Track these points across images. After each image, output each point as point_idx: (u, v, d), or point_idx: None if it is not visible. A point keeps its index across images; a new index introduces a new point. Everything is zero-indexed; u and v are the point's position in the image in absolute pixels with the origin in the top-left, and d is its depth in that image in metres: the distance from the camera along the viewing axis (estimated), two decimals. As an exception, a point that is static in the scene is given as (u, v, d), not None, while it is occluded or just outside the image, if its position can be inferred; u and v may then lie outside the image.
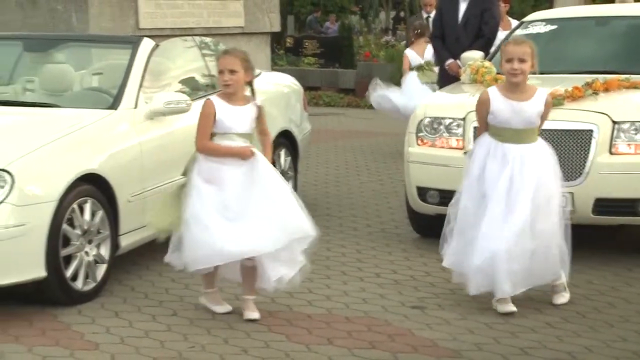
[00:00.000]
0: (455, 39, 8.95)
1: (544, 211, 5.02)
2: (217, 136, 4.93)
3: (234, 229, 4.79)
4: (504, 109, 5.06)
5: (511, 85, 5.09)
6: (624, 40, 7.35)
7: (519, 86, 5.08)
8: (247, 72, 4.99)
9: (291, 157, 7.53)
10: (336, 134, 12.40)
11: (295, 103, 7.87)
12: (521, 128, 5.07)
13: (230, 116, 4.93)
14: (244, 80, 4.99)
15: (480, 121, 5.20)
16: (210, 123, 4.90)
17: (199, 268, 4.91)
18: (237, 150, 4.92)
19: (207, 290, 5.12)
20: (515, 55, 5.01)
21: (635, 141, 5.99)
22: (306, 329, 4.86)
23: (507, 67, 5.04)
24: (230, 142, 4.93)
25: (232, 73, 4.93)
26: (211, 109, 4.92)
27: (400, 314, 5.10)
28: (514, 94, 5.08)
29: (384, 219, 7.41)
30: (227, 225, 4.79)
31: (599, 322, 4.97)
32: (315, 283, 5.67)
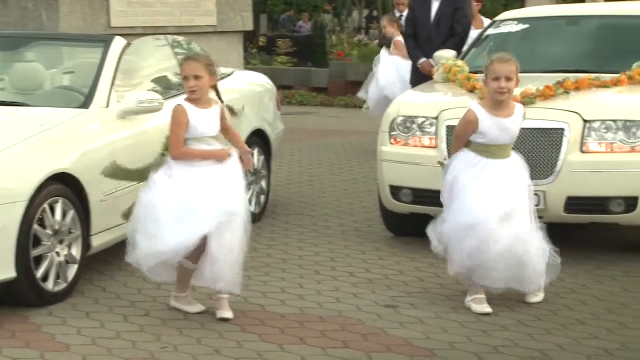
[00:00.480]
0: (428, 38, 8.97)
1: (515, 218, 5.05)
2: (190, 141, 4.93)
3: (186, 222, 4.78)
4: (492, 126, 5.06)
5: (496, 103, 5.08)
6: (594, 39, 7.40)
7: (504, 103, 5.09)
8: (211, 76, 4.98)
9: (264, 157, 7.52)
10: (309, 133, 12.40)
11: (269, 102, 7.85)
12: (507, 144, 5.11)
13: (202, 121, 4.94)
14: (209, 85, 4.97)
15: (463, 139, 5.13)
16: (184, 130, 4.90)
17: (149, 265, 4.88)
18: (217, 153, 4.94)
19: (179, 294, 5.09)
20: (503, 74, 5.00)
21: (606, 140, 6.03)
22: (279, 328, 4.85)
23: (494, 86, 5.01)
24: (207, 146, 4.93)
25: (197, 79, 4.92)
26: (184, 117, 4.90)
27: (374, 313, 5.10)
28: (500, 111, 5.08)
29: (358, 218, 7.41)
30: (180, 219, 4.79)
31: (571, 320, 5.00)
32: (288, 282, 5.66)
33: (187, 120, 4.89)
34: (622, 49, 7.19)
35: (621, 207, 5.99)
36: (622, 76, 6.58)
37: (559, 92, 6.30)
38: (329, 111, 15.22)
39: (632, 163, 5.98)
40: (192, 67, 4.94)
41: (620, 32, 7.37)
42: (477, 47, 7.73)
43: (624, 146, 6.03)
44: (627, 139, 6.03)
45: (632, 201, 5.98)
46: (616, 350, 4.58)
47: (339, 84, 16.46)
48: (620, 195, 5.98)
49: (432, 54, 8.01)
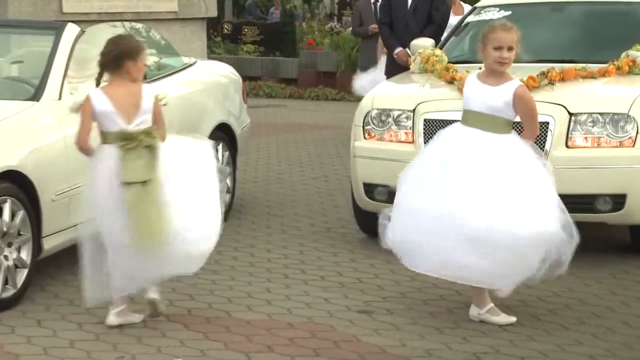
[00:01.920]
0: (404, 26, 9.03)
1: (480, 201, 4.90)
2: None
3: None
4: (471, 89, 5.09)
5: (493, 72, 5.06)
6: (581, 27, 7.48)
7: (501, 73, 5.07)
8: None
9: (229, 152, 7.53)
10: (278, 127, 12.42)
11: (234, 94, 7.87)
12: (480, 112, 5.01)
13: None
14: None
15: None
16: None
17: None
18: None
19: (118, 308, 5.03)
20: (505, 43, 5.01)
21: (592, 134, 6.11)
22: (245, 336, 4.88)
23: (495, 55, 5.01)
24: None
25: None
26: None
27: (346, 319, 5.14)
28: (488, 79, 5.08)
29: (329, 218, 7.45)
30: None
31: (554, 325, 5.07)
32: (255, 287, 5.69)
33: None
34: (609, 37, 7.28)
35: (608, 205, 6.07)
36: (610, 66, 6.66)
37: (543, 83, 6.37)
38: (298, 104, 15.25)
39: (619, 158, 6.07)
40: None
41: (608, 19, 7.46)
42: (457, 35, 7.79)
43: (612, 141, 6.11)
44: (614, 133, 6.11)
45: (619, 199, 6.06)
46: (601, 356, 4.65)
47: (309, 75, 16.50)
48: (607, 193, 6.06)
49: (409, 43, 8.06)
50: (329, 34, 18.71)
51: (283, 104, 15.26)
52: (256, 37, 19.49)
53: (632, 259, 6.28)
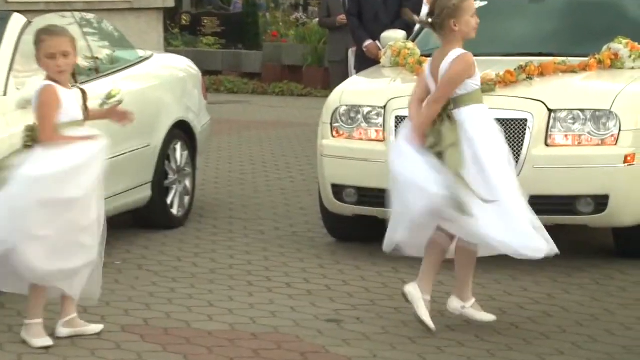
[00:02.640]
0: (374, 17, 9.05)
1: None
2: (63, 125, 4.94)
3: None
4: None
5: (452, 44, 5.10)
6: (560, 19, 7.53)
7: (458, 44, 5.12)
8: (76, 54, 5.02)
9: (188, 152, 7.51)
10: (240, 125, 12.40)
11: (193, 89, 7.85)
12: None
13: (71, 102, 4.95)
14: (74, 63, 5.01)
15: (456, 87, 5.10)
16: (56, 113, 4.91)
17: None
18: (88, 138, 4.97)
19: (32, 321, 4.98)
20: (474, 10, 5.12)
21: (573, 131, 6.16)
22: (207, 347, 4.86)
23: (474, 22, 5.09)
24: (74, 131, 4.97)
25: (66, 56, 4.91)
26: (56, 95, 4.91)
27: (314, 328, 5.15)
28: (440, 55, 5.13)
29: (295, 222, 7.45)
30: None
31: (534, 334, 5.10)
32: (217, 295, 5.68)
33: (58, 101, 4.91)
34: (591, 29, 7.33)
35: (590, 206, 6.11)
36: (591, 60, 6.71)
37: (521, 78, 6.40)
38: (262, 99, 15.24)
39: (602, 157, 6.11)
40: (60, 42, 4.93)
41: (589, 11, 7.50)
42: (430, 27, 7.81)
43: (593, 138, 6.15)
44: (596, 130, 6.16)
45: (602, 200, 6.10)
46: (584, 366, 4.70)
47: (273, 69, 16.50)
48: (589, 194, 6.11)
49: (379, 35, 8.08)
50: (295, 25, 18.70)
51: (246, 100, 15.24)
52: (217, 29, 19.45)
53: (616, 263, 6.33)
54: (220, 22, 19.74)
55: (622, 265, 6.28)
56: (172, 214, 7.24)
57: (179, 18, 20.59)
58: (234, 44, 18.76)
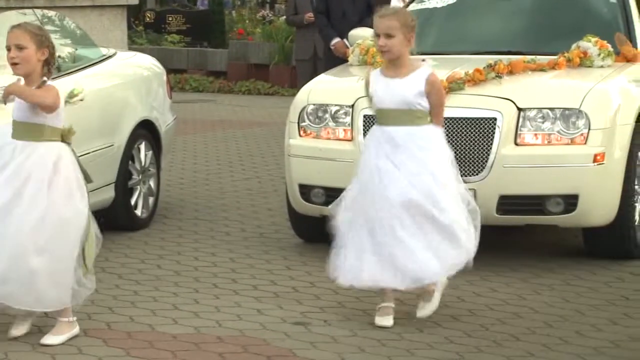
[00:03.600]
0: (342, 14, 9.06)
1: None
2: None
3: None
4: (380, 87, 5.22)
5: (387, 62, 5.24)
6: (530, 16, 7.56)
7: (396, 63, 5.19)
8: (40, 48, 4.89)
9: (152, 152, 7.48)
10: (205, 124, 12.37)
11: (157, 88, 7.82)
12: (395, 108, 5.16)
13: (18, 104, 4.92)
14: (38, 58, 4.89)
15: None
16: None
17: None
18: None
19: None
20: (376, 30, 5.17)
21: (542, 130, 6.18)
22: (171, 351, 4.84)
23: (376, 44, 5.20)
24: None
25: (20, 49, 4.84)
26: None
27: (281, 331, 5.13)
28: (390, 71, 5.21)
29: (262, 223, 7.44)
30: None
31: (504, 335, 5.11)
32: (181, 298, 5.65)
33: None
34: (560, 27, 7.36)
35: (560, 206, 6.14)
36: (560, 58, 6.75)
37: (490, 76, 6.42)
38: (228, 98, 15.20)
39: (571, 157, 6.14)
40: (15, 35, 4.87)
41: (558, 9, 7.54)
42: (398, 24, 7.81)
43: (563, 137, 6.18)
44: (565, 129, 6.18)
45: (571, 200, 6.13)
46: (554, 368, 4.72)
47: (239, 67, 16.45)
48: (558, 193, 6.13)
49: (347, 33, 8.08)
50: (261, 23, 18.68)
51: (211, 98, 15.20)
52: (182, 27, 19.38)
53: (586, 264, 6.36)
54: (186, 19, 19.67)
55: (592, 266, 6.31)
56: (136, 215, 7.20)
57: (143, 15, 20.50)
58: (199, 41, 18.70)
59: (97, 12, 12.92)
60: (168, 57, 15.37)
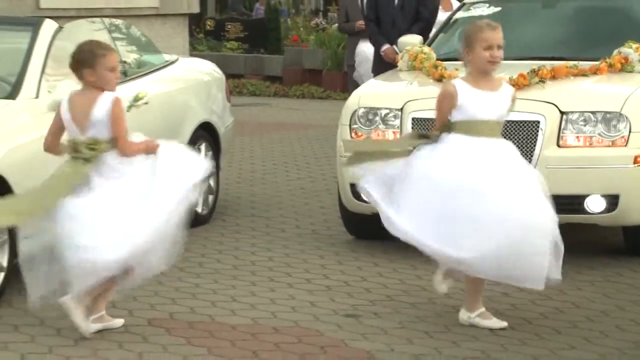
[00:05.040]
0: (392, 22, 9.03)
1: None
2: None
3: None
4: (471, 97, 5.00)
5: (484, 74, 5.04)
6: (572, 23, 7.50)
7: (489, 75, 5.07)
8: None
9: (212, 152, 7.52)
10: (262, 127, 12.41)
11: (217, 92, 7.86)
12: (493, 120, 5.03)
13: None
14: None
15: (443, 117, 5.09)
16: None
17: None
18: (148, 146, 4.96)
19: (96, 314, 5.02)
20: (495, 42, 5.00)
21: (584, 133, 6.13)
22: (230, 341, 4.86)
23: (486, 55, 4.98)
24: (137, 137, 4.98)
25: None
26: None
27: (333, 323, 5.13)
28: (483, 84, 5.04)
29: (315, 220, 7.44)
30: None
31: (546, 329, 5.07)
32: (239, 290, 5.67)
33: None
34: (601, 34, 7.30)
35: (601, 206, 6.09)
36: (602, 63, 6.68)
37: (534, 81, 6.38)
38: (283, 102, 15.24)
39: (612, 158, 6.08)
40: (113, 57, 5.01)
41: (600, 16, 7.48)
42: (445, 32, 7.80)
43: (604, 140, 6.12)
44: (606, 131, 6.12)
45: (612, 199, 6.07)
46: (595, 360, 4.67)
47: (294, 72, 16.49)
48: (599, 193, 6.08)
49: (396, 40, 8.06)
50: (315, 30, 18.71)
51: (267, 102, 15.24)
52: (240, 34, 19.48)
53: (626, 261, 6.29)
54: (244, 27, 19.76)
55: (631, 263, 6.24)
56: (197, 212, 7.24)
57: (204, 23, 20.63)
58: (257, 48, 18.78)
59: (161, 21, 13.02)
60: (227, 63, 15.44)
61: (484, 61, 5.01)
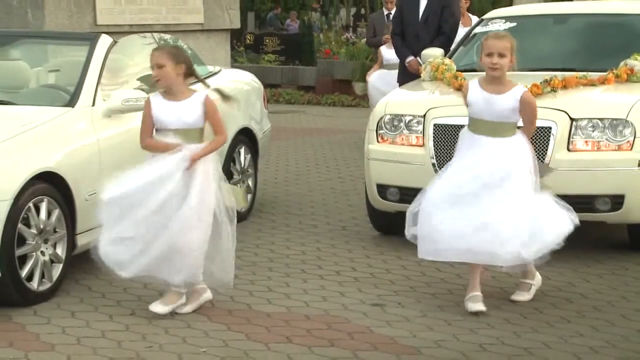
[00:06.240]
0: (416, 36, 9.00)
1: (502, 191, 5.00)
2: (157, 132, 5.01)
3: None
4: (478, 100, 5.11)
5: (491, 78, 5.12)
6: (582, 37, 7.44)
7: (499, 80, 5.11)
8: (177, 64, 4.97)
9: (251, 155, 7.53)
10: (296, 132, 12.41)
11: (256, 100, 7.87)
12: (492, 121, 5.07)
13: (165, 112, 4.96)
14: (176, 74, 4.96)
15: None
16: (148, 120, 5.00)
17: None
18: (164, 146, 4.96)
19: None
20: (495, 49, 5.05)
21: (593, 138, 6.08)
22: (265, 327, 4.87)
23: (487, 61, 5.06)
24: (164, 137, 4.97)
25: (160, 68, 4.95)
26: (148, 107, 5.00)
27: (360, 311, 5.13)
28: (490, 86, 5.11)
29: (344, 217, 7.44)
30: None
31: (556, 318, 5.04)
32: (274, 281, 5.68)
33: (149, 111, 4.98)
34: (609, 47, 7.23)
35: (607, 205, 6.03)
36: (609, 74, 6.62)
37: (546, 91, 6.34)
38: (316, 109, 15.24)
39: (618, 161, 6.03)
40: (155, 56, 4.99)
41: (608, 30, 7.41)
42: (465, 45, 7.76)
43: (611, 144, 6.07)
44: (613, 137, 6.07)
45: (618, 199, 6.02)
46: (601, 347, 4.62)
47: (326, 82, 16.49)
48: (606, 194, 6.03)
49: (420, 52, 8.04)
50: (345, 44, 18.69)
51: (301, 109, 15.25)
52: (277, 47, 19.50)
53: (631, 256, 6.23)
54: (280, 41, 19.80)
55: (636, 258, 6.18)
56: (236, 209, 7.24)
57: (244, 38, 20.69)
58: (292, 60, 18.79)
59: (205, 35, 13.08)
60: (265, 74, 15.46)
61: (486, 67, 5.11)
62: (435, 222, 5.01)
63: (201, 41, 12.60)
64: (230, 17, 13.63)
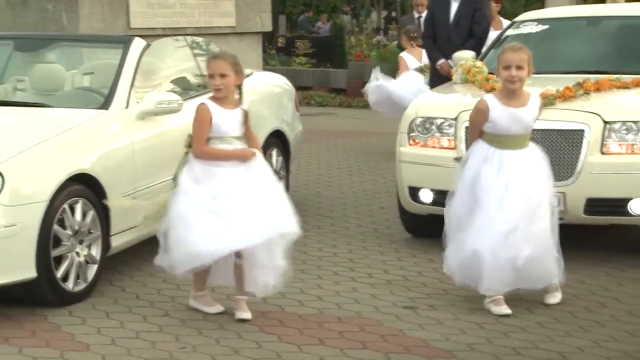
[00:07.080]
0: (447, 38, 8.95)
1: (537, 215, 5.03)
2: (213, 140, 4.94)
3: (220, 226, 4.77)
4: (503, 116, 5.07)
5: (508, 91, 5.11)
6: (615, 40, 7.37)
7: (516, 92, 5.10)
8: (237, 75, 5.00)
9: (283, 157, 7.52)
10: (328, 134, 12.40)
11: (287, 103, 7.86)
12: (520, 134, 5.10)
13: (226, 120, 4.95)
14: (234, 84, 4.99)
15: (476, 129, 5.17)
16: (207, 128, 4.92)
17: (183, 270, 4.89)
18: (240, 152, 4.94)
19: (197, 293, 5.11)
20: (513, 62, 5.03)
21: (626, 141, 6.00)
22: (298, 329, 4.86)
23: (505, 75, 5.04)
24: (228, 145, 4.94)
25: (222, 77, 4.93)
26: (207, 114, 4.93)
27: (392, 314, 5.10)
28: (512, 101, 5.09)
29: (376, 219, 7.41)
30: (213, 223, 4.77)
31: (590, 322, 4.98)
32: (306, 283, 5.66)
33: (209, 118, 4.92)
34: (642, 49, 7.15)
35: (642, 208, 5.95)
36: (643, 77, 6.54)
37: (579, 93, 6.27)
38: (347, 112, 15.22)
39: (652, 164, 5.95)
40: (219, 65, 4.97)
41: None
42: (496, 48, 7.70)
43: (644, 147, 5.99)
44: (647, 139, 5.99)
45: (653, 203, 5.93)
46: (636, 352, 4.55)
47: (357, 85, 16.41)
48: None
49: (451, 55, 8.00)
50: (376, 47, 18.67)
51: (333, 112, 15.24)
52: (308, 50, 19.51)
53: (665, 260, 6.15)
54: (311, 44, 19.80)
55: (671, 262, 6.10)
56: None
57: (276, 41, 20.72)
58: (323, 63, 18.79)
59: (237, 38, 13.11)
60: (296, 76, 15.45)
61: (504, 80, 5.08)
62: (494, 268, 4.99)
63: (233, 44, 12.63)
64: (261, 20, 13.66)
